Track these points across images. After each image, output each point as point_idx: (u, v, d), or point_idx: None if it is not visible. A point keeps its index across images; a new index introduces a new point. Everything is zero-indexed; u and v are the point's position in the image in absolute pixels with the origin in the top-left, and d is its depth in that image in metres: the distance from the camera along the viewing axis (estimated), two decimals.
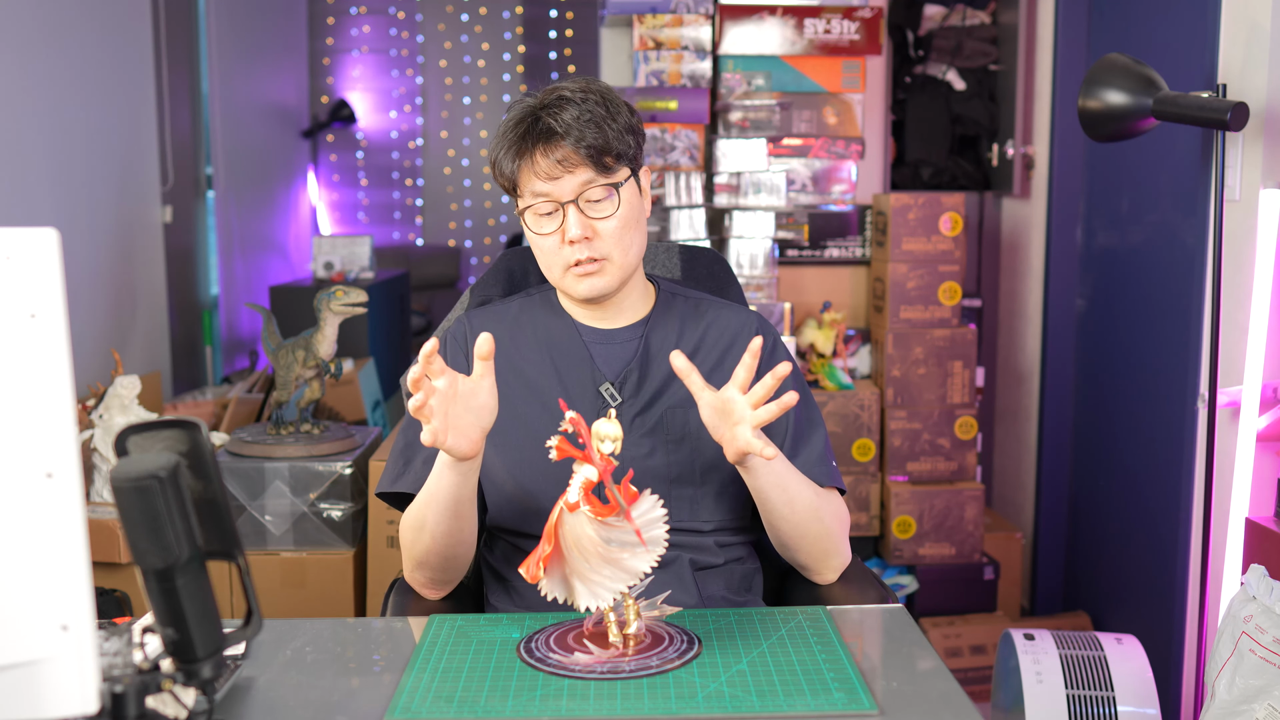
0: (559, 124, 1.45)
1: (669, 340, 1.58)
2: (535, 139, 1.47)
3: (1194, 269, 2.50)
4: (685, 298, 1.64)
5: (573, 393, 1.55)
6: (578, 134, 1.45)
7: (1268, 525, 2.03)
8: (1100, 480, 3.14)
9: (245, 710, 1.10)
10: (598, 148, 1.46)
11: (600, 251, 1.49)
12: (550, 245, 1.50)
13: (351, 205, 6.34)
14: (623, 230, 1.50)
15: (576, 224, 1.47)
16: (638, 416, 1.54)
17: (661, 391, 1.55)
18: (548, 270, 1.53)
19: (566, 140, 1.45)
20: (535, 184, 1.48)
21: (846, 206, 3.18)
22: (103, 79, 3.52)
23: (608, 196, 1.49)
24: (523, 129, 1.47)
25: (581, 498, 1.20)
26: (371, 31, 6.25)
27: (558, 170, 1.46)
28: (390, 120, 6.31)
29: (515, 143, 1.48)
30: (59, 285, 0.86)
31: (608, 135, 1.47)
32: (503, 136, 1.50)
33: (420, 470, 1.52)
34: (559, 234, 1.49)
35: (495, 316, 1.63)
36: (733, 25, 3.13)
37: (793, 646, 1.22)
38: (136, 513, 0.95)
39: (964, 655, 2.94)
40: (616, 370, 1.56)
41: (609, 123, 1.48)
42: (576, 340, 1.58)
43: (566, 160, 1.45)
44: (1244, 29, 2.26)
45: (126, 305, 3.66)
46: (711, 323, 1.61)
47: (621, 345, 1.58)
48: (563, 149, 1.45)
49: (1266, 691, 1.74)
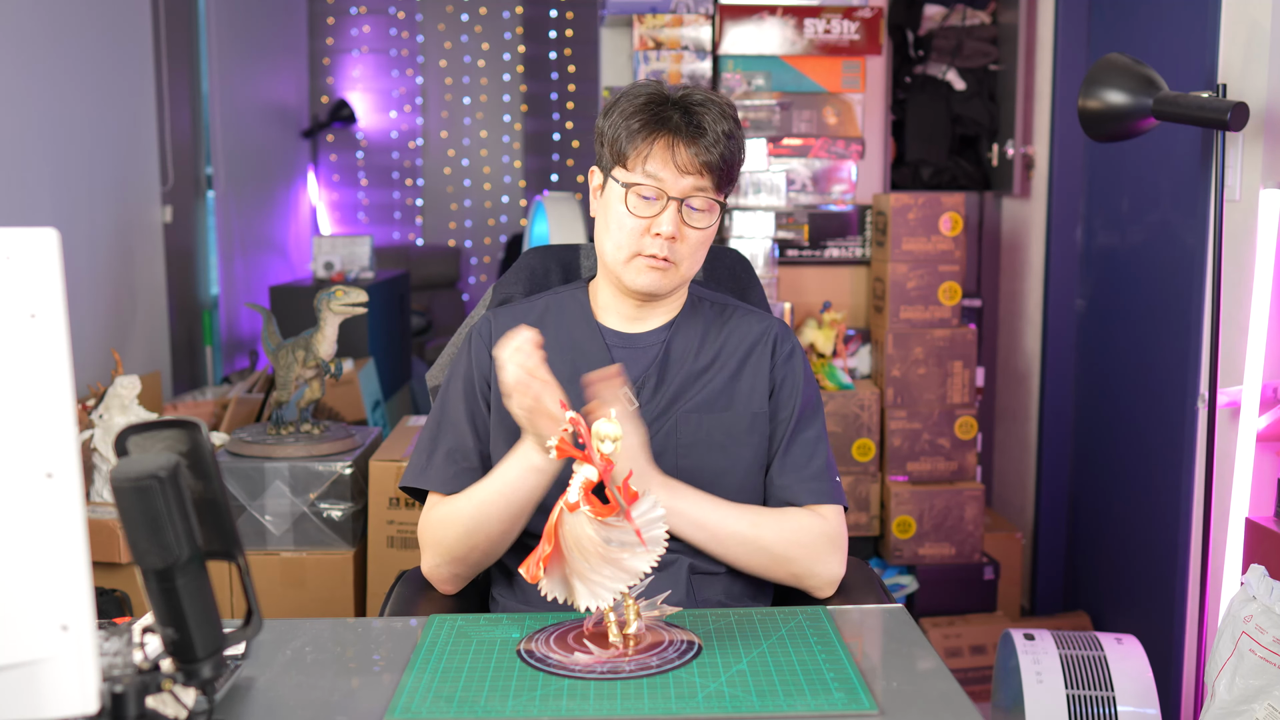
0: (709, 128, 1.48)
1: (690, 346, 1.59)
2: (681, 128, 1.47)
3: (1194, 269, 2.50)
4: (712, 302, 1.65)
5: (590, 395, 1.52)
6: (723, 146, 1.48)
7: (1268, 525, 2.03)
8: (1100, 480, 3.14)
9: (245, 710, 1.10)
10: (730, 167, 1.50)
11: (676, 255, 1.50)
12: (633, 227, 1.50)
13: (351, 205, 6.33)
14: (701, 245, 1.53)
15: (671, 221, 1.48)
16: (653, 421, 1.55)
17: (678, 397, 1.56)
18: (615, 249, 1.52)
19: (714, 150, 1.47)
20: (657, 167, 1.48)
21: (846, 206, 3.18)
22: (103, 79, 3.52)
23: (708, 209, 1.51)
24: (667, 111, 1.48)
25: (581, 498, 1.20)
26: (371, 31, 6.25)
27: (691, 166, 1.47)
28: (390, 120, 6.30)
29: (657, 120, 1.48)
30: (59, 285, 0.86)
31: (737, 159, 1.52)
32: (642, 107, 1.49)
33: (442, 467, 1.54)
34: (650, 222, 1.49)
35: (520, 314, 1.63)
36: (733, 25, 3.13)
37: (793, 646, 1.22)
38: (136, 513, 0.95)
39: (964, 655, 2.94)
40: (636, 375, 1.57)
41: (741, 150, 1.53)
42: (599, 343, 1.59)
43: (704, 162, 1.47)
44: (1244, 29, 2.26)
45: (126, 305, 3.66)
46: (733, 330, 1.61)
47: (643, 350, 1.59)
48: (705, 151, 1.47)
49: (1266, 691, 1.74)
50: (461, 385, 1.59)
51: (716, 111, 1.49)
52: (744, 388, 1.58)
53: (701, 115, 1.48)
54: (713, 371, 1.58)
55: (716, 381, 1.57)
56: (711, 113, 1.48)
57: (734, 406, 1.56)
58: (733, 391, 1.57)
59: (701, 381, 1.57)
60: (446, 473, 1.54)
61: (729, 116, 1.50)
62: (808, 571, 1.49)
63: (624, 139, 1.49)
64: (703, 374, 1.57)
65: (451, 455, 1.55)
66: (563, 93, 6.31)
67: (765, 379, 1.59)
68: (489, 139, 6.32)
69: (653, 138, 1.47)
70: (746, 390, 1.57)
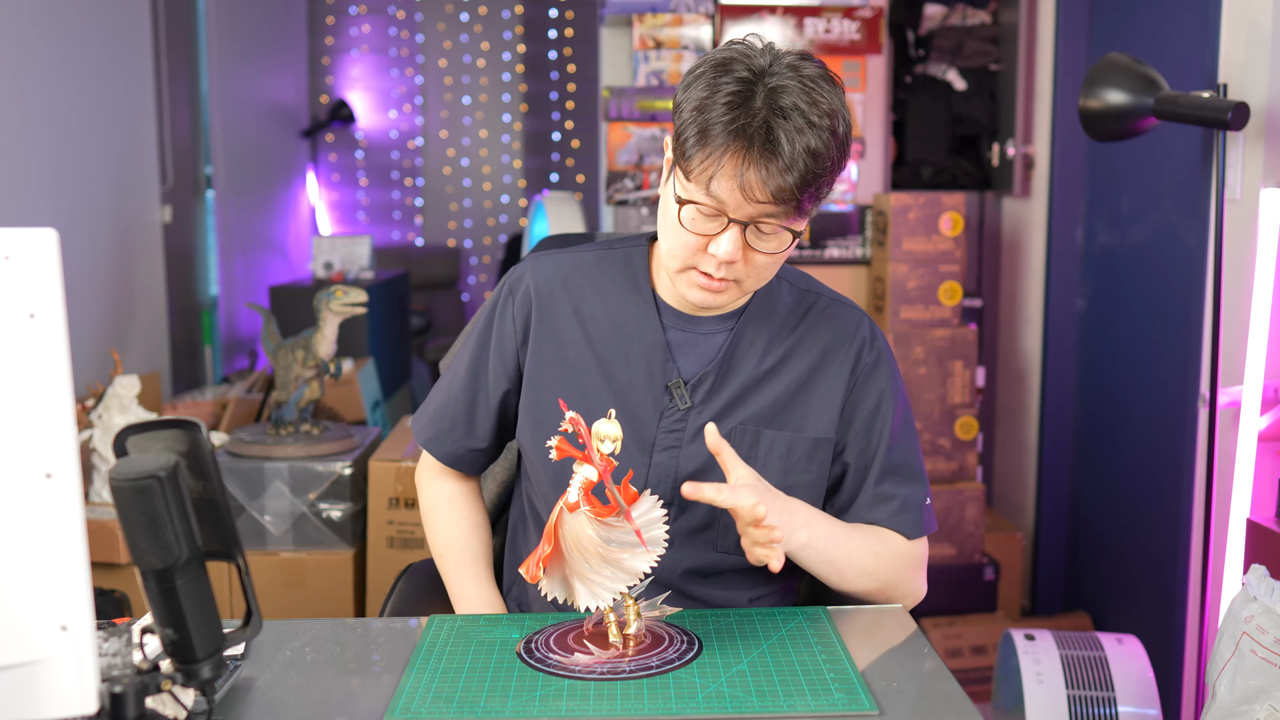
0: (788, 150, 1.20)
1: (758, 342, 1.40)
2: (755, 145, 1.21)
3: (1195, 269, 2.50)
4: (791, 285, 1.45)
5: (637, 382, 1.39)
6: (803, 174, 1.22)
7: (1269, 526, 2.03)
8: (1101, 480, 3.13)
9: (245, 711, 1.09)
10: (812, 190, 1.24)
11: (738, 275, 1.29)
12: (690, 242, 1.28)
13: (351, 205, 6.33)
14: (771, 266, 1.31)
15: (733, 245, 1.26)
16: (700, 428, 1.38)
17: (737, 403, 1.39)
18: (669, 255, 1.31)
19: (789, 175, 1.21)
20: (719, 186, 1.23)
21: (847, 206, 3.18)
22: (102, 79, 3.52)
23: (778, 233, 1.27)
24: (744, 120, 1.21)
25: (581, 498, 1.19)
26: (371, 31, 6.25)
27: (761, 193, 1.22)
28: (390, 120, 6.30)
29: (730, 132, 1.21)
30: (58, 285, 0.86)
31: (825, 183, 1.25)
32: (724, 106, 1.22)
33: (429, 422, 1.51)
34: (708, 240, 1.27)
35: (565, 265, 1.45)
36: (733, 25, 3.13)
37: (793, 646, 1.22)
38: (136, 513, 0.94)
39: (964, 655, 2.93)
40: (693, 368, 1.39)
41: (835, 172, 1.26)
42: (653, 321, 1.40)
43: (775, 188, 1.22)
44: (1244, 29, 2.25)
45: (126, 305, 3.66)
46: (811, 328, 1.42)
47: (704, 338, 1.40)
48: (780, 179, 1.21)
49: (1267, 692, 1.73)
50: (477, 338, 1.48)
51: (801, 121, 1.21)
52: (813, 404, 1.39)
53: (789, 133, 1.20)
54: (780, 376, 1.40)
55: (783, 390, 1.39)
56: (794, 122, 1.21)
57: (797, 425, 1.39)
58: (799, 406, 1.39)
59: (765, 387, 1.39)
60: (431, 430, 1.51)
61: (820, 126, 1.22)
62: (904, 594, 1.41)
63: (691, 141, 1.23)
64: (768, 377, 1.39)
65: (441, 412, 1.50)
66: (563, 93, 6.31)
67: (839, 398, 1.40)
68: (489, 139, 6.32)
69: (723, 152, 1.22)
70: (815, 408, 1.39)
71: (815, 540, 1.31)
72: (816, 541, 1.31)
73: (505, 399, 1.47)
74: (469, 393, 1.48)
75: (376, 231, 6.34)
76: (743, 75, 1.23)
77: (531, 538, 1.49)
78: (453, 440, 1.50)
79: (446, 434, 1.50)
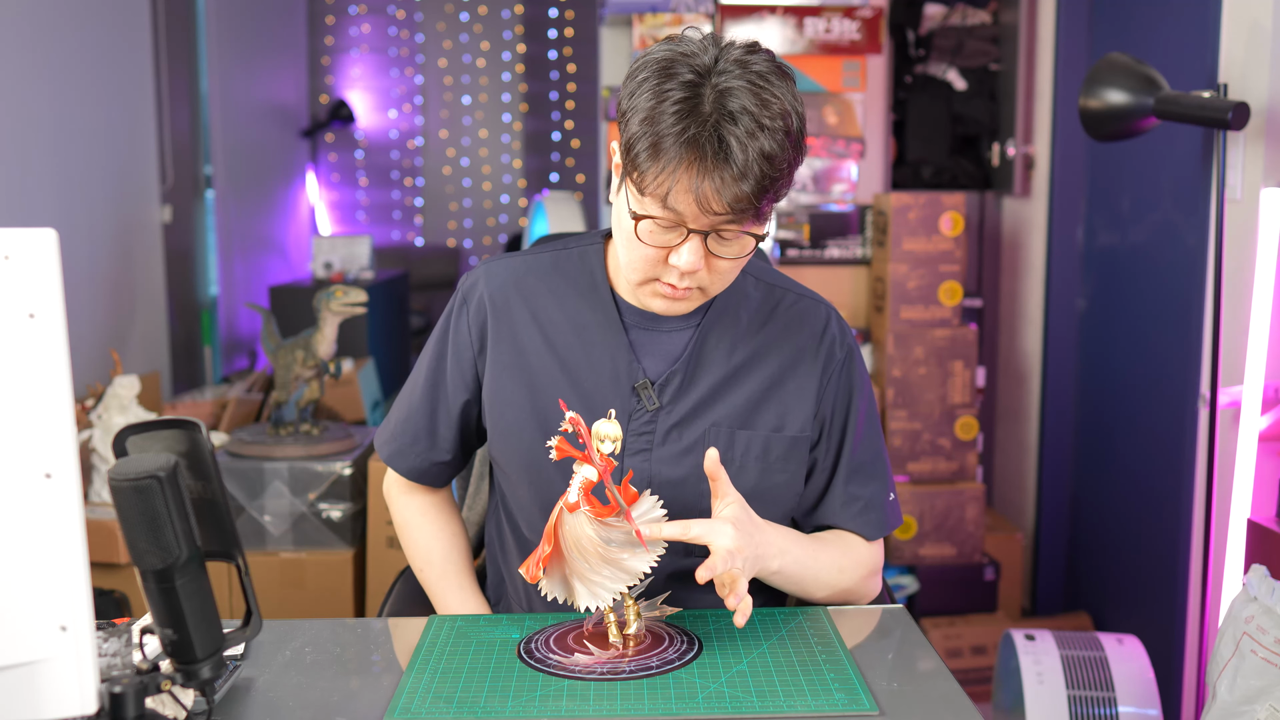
0: (741, 158, 1.16)
1: (725, 339, 1.36)
2: (707, 155, 1.16)
3: (1195, 268, 2.50)
4: (758, 280, 1.41)
5: (603, 385, 1.35)
6: (759, 180, 1.17)
7: (1269, 526, 2.03)
8: (1101, 480, 3.13)
9: (244, 711, 1.09)
10: (769, 194, 1.19)
11: (701, 282, 1.26)
12: (650, 255, 1.24)
13: (351, 205, 6.33)
14: (735, 270, 1.28)
15: (695, 255, 1.22)
16: (674, 429, 1.35)
17: (707, 404, 1.35)
18: (628, 267, 1.28)
19: (745, 183, 1.17)
20: (675, 199, 1.19)
21: (847, 206, 3.18)
22: (102, 79, 3.52)
23: (739, 238, 1.23)
24: (695, 130, 1.16)
25: (581, 498, 1.19)
26: (371, 31, 6.25)
27: (717, 204, 1.18)
28: (390, 120, 6.30)
29: (681, 144, 1.16)
30: (58, 285, 0.86)
31: (781, 187, 1.21)
32: (667, 114, 1.16)
33: (391, 437, 1.48)
34: (668, 251, 1.23)
35: (518, 268, 1.41)
36: (733, 24, 3.13)
37: (793, 646, 1.22)
38: (135, 513, 0.94)
39: (965, 656, 2.93)
40: (659, 367, 1.36)
41: (792, 170, 1.22)
42: (615, 321, 1.36)
43: (731, 197, 1.17)
44: (1245, 28, 2.25)
45: (125, 305, 3.65)
46: (780, 323, 1.39)
47: (669, 336, 1.36)
48: (735, 189, 1.17)
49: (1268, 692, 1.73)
50: (434, 350, 1.44)
51: (753, 124, 1.16)
52: (788, 402, 1.37)
53: (740, 140, 1.16)
54: (751, 374, 1.37)
55: (755, 389, 1.36)
56: (745, 125, 1.16)
57: (773, 424, 1.36)
58: (773, 405, 1.36)
59: (737, 386, 1.36)
60: (393, 445, 1.48)
61: (773, 128, 1.17)
62: (858, 598, 1.41)
63: (643, 156, 1.18)
64: (737, 375, 1.36)
65: (402, 427, 1.47)
66: (563, 92, 6.31)
67: (812, 395, 1.37)
68: (489, 139, 6.32)
69: (675, 166, 1.17)
70: (790, 406, 1.36)
71: (786, 568, 1.30)
72: (787, 569, 1.30)
73: (466, 409, 1.44)
74: (429, 405, 1.45)
75: (376, 231, 6.34)
76: (687, 79, 1.18)
77: (511, 550, 1.47)
78: (415, 454, 1.47)
79: (409, 448, 1.47)
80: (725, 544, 1.19)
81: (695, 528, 1.19)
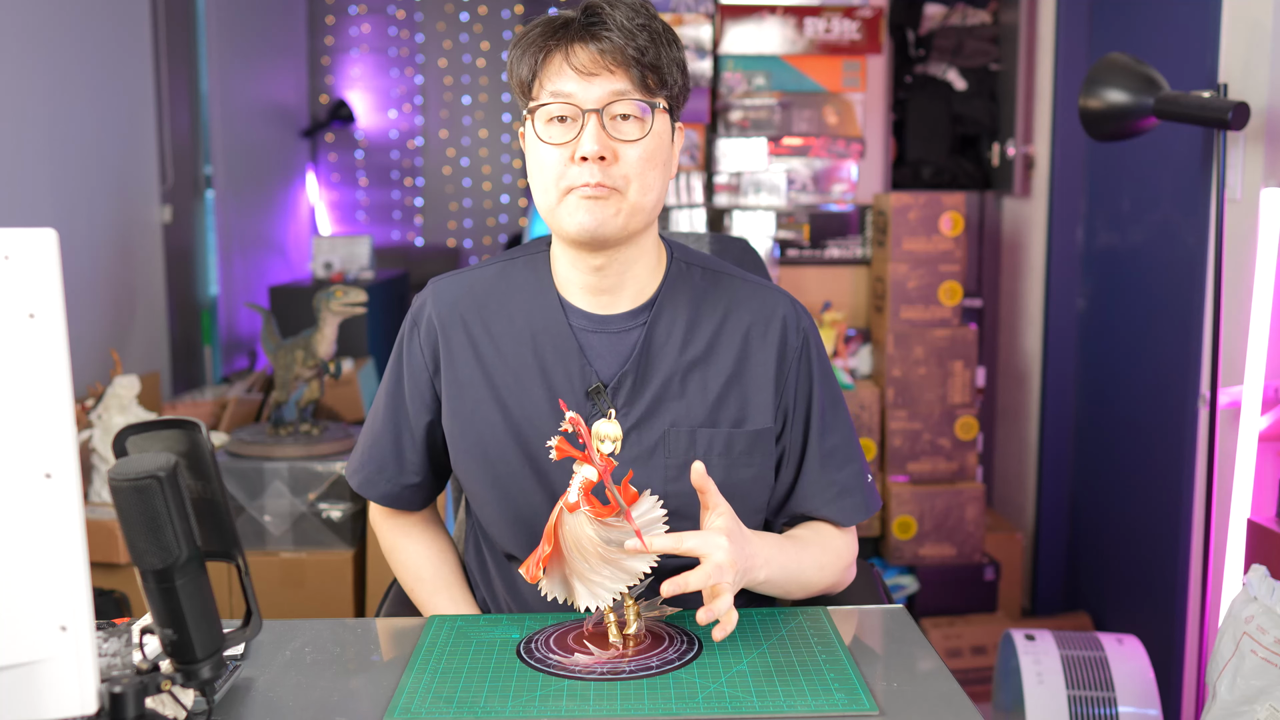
0: (609, 19, 1.24)
1: (676, 331, 1.34)
2: (573, 28, 1.25)
3: (1195, 268, 2.50)
4: (703, 269, 1.39)
5: (559, 393, 1.34)
6: (628, 34, 1.24)
7: (1269, 526, 2.03)
8: (1101, 480, 3.13)
9: (244, 711, 1.09)
10: (647, 57, 1.24)
11: (614, 179, 1.25)
12: (554, 160, 1.26)
13: (351, 205, 6.33)
14: (646, 162, 1.26)
15: (594, 138, 1.23)
16: (632, 431, 1.33)
17: (661, 401, 1.33)
18: (543, 194, 1.28)
19: (614, 35, 1.23)
20: (559, 81, 1.25)
21: (847, 206, 3.18)
22: (102, 79, 3.52)
23: (640, 114, 1.26)
24: (561, 21, 1.27)
25: (581, 498, 1.19)
26: (371, 31, 6.25)
27: (594, 66, 1.24)
28: (390, 120, 6.30)
29: (548, 34, 1.26)
30: (58, 285, 0.86)
31: (659, 51, 1.26)
32: (531, 29, 1.28)
33: (360, 465, 1.47)
34: (570, 146, 1.25)
35: (464, 285, 1.40)
36: (733, 24, 3.13)
37: (793, 646, 1.22)
38: (135, 513, 0.94)
39: (964, 656, 2.93)
40: (611, 369, 1.34)
41: (663, 43, 1.27)
42: (563, 326, 1.34)
43: (609, 57, 1.24)
44: (1245, 28, 2.25)
45: (125, 305, 3.65)
46: (732, 311, 1.36)
47: (617, 336, 1.34)
48: (608, 43, 1.23)
49: (1268, 692, 1.73)
50: (391, 376, 1.43)
51: (627, 9, 1.25)
52: (747, 395, 1.34)
53: (603, 12, 1.25)
54: (707, 370, 1.34)
55: (711, 384, 1.34)
56: (620, 10, 1.25)
57: (734, 419, 1.34)
58: (732, 399, 1.34)
59: (692, 383, 1.34)
60: (362, 474, 1.47)
61: (643, 10, 1.26)
62: (835, 590, 1.41)
63: (523, 69, 1.27)
64: (693, 371, 1.34)
65: (368, 454, 1.46)
66: None
67: (771, 386, 1.35)
68: (489, 139, 6.31)
69: (550, 49, 1.25)
70: (750, 399, 1.34)
71: (773, 576, 1.29)
72: (774, 578, 1.29)
73: (430, 430, 1.43)
74: (392, 432, 1.44)
75: (376, 231, 6.34)
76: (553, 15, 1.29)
77: (491, 572, 1.45)
78: (384, 480, 1.46)
79: (377, 475, 1.46)
80: (720, 558, 1.18)
81: (689, 540, 1.18)
